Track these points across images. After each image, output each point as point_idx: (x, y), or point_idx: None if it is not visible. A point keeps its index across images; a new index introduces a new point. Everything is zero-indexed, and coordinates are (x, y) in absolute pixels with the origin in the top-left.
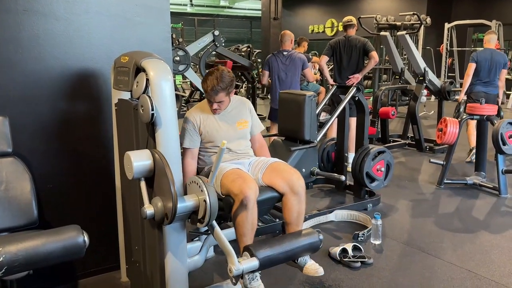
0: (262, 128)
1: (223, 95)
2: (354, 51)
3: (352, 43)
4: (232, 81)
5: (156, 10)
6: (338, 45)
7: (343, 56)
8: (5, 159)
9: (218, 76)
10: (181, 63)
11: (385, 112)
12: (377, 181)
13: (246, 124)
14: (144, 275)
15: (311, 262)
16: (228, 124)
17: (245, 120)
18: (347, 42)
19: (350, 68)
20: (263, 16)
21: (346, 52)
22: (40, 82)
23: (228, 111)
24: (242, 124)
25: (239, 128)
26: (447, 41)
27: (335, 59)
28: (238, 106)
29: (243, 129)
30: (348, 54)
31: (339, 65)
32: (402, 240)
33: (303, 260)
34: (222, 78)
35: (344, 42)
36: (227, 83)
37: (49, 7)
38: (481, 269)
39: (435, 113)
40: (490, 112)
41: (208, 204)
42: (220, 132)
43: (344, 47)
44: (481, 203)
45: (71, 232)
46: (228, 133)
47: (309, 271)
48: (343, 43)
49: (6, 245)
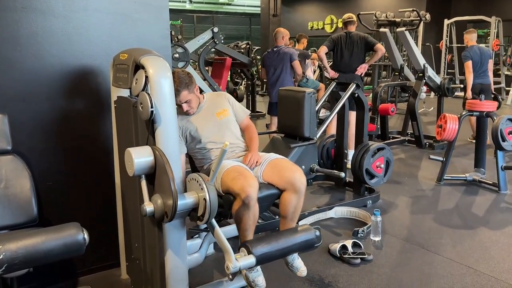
0: (247, 113)
1: (186, 93)
2: (356, 46)
3: (353, 39)
4: (190, 78)
5: (155, 7)
6: (339, 40)
7: (344, 51)
8: (4, 157)
9: (175, 78)
10: (180, 60)
11: (385, 108)
12: (376, 177)
13: (226, 112)
14: (144, 272)
15: (299, 260)
16: (207, 118)
17: (224, 108)
18: (348, 38)
19: (351, 63)
20: (262, 13)
21: (348, 48)
22: (39, 80)
23: (203, 108)
24: (221, 113)
25: (219, 118)
26: (446, 38)
27: (336, 54)
28: (214, 100)
29: (224, 118)
30: (349, 50)
31: (339, 60)
32: (402, 237)
33: (291, 256)
34: (179, 78)
35: (345, 38)
36: (184, 81)
37: (47, 4)
38: (481, 265)
39: (435, 109)
40: (490, 108)
41: (208, 202)
42: (202, 129)
43: (346, 43)
44: (480, 199)
45: (71, 230)
46: (209, 126)
47: (293, 270)
48: (344, 38)
49: (6, 243)
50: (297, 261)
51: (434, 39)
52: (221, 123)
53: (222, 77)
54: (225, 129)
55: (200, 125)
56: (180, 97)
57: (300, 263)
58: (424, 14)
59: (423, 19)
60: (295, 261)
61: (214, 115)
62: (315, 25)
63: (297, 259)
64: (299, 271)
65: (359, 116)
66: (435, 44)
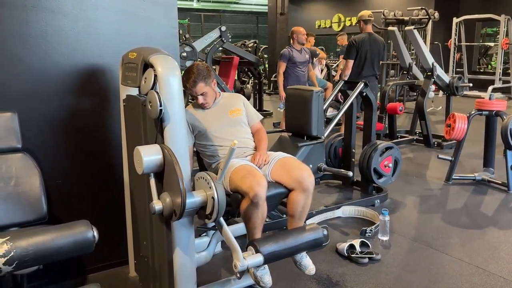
0: (260, 117)
1: (202, 85)
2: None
3: (379, 40)
4: (209, 71)
5: (163, 6)
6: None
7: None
8: (14, 154)
9: (193, 69)
10: (188, 59)
11: (393, 107)
12: (384, 177)
13: (240, 111)
14: (152, 270)
15: (307, 259)
16: (220, 114)
17: (238, 108)
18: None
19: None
20: (270, 12)
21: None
22: (48, 78)
23: (218, 103)
24: (234, 112)
25: (231, 116)
26: (455, 36)
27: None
28: (229, 98)
29: (237, 116)
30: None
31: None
32: (410, 236)
33: (299, 255)
34: (197, 69)
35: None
36: (202, 73)
37: (57, 3)
38: (490, 265)
39: (443, 108)
40: (499, 107)
41: (216, 200)
42: (213, 123)
43: (370, 44)
44: (489, 199)
45: (80, 227)
46: (220, 122)
47: (302, 268)
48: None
49: (17, 240)
50: (305, 260)
51: (443, 38)
52: (233, 121)
53: (230, 75)
54: (236, 127)
55: (212, 119)
56: (196, 88)
57: (308, 261)
58: (432, 13)
59: (431, 18)
60: (304, 260)
61: (227, 112)
62: (323, 24)
63: (305, 257)
64: (308, 270)
65: (367, 115)
66: (444, 43)
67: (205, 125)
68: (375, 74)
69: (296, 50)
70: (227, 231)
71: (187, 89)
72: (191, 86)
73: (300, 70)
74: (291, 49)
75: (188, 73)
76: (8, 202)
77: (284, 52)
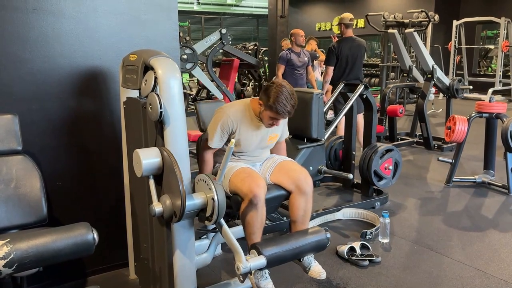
0: (287, 135)
1: (288, 116)
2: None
3: (360, 43)
4: None
5: (164, 9)
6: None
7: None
8: (15, 157)
9: (291, 95)
10: (189, 61)
11: (393, 110)
12: (385, 179)
13: (276, 138)
14: (152, 272)
15: (315, 264)
16: (261, 137)
17: (277, 134)
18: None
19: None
20: (270, 14)
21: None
22: (49, 81)
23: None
24: (272, 138)
25: (269, 142)
26: (455, 39)
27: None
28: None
29: (272, 143)
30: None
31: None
32: (411, 239)
33: (307, 260)
34: (294, 96)
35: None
36: (296, 102)
37: (58, 6)
38: (490, 267)
39: (443, 111)
40: (500, 109)
41: (216, 202)
42: (250, 144)
43: (350, 48)
44: (490, 201)
45: (81, 230)
46: (257, 146)
47: (312, 273)
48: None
49: (17, 242)
50: (314, 265)
51: (443, 40)
52: (267, 147)
53: (230, 78)
54: (265, 150)
55: (252, 139)
56: (284, 118)
57: (317, 266)
58: (432, 15)
59: (431, 20)
60: (312, 265)
61: (267, 137)
62: (323, 26)
63: (313, 262)
64: (317, 274)
65: (367, 118)
66: (444, 45)
67: (244, 141)
68: (358, 78)
69: (294, 53)
70: (229, 232)
71: (276, 112)
72: (285, 115)
73: (299, 72)
74: (290, 52)
75: (290, 101)
76: (8, 204)
77: (283, 54)
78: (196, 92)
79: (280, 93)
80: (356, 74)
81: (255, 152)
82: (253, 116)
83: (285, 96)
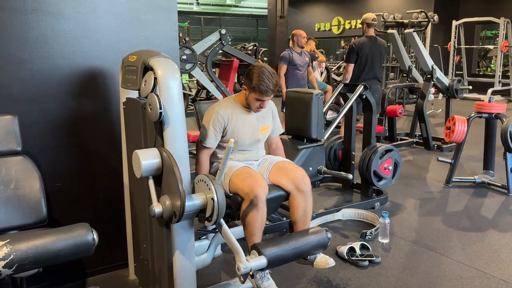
0: (281, 131)
1: (273, 94)
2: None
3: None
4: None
5: (164, 9)
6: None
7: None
8: (14, 157)
9: (273, 74)
10: (188, 61)
11: (393, 110)
12: (384, 179)
13: (268, 129)
14: (152, 273)
15: (321, 255)
16: (253, 127)
17: (268, 125)
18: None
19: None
20: (269, 15)
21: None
22: (48, 81)
23: (254, 114)
24: (265, 129)
25: (261, 134)
26: (454, 39)
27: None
28: (264, 112)
29: (264, 135)
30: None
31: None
32: (410, 239)
33: (313, 256)
34: (275, 75)
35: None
36: (277, 81)
37: (57, 6)
38: (490, 268)
39: (443, 111)
40: (499, 110)
41: (216, 202)
42: (244, 135)
43: (370, 48)
44: (489, 201)
45: (80, 230)
46: (251, 137)
47: (319, 264)
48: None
49: (17, 243)
50: (319, 257)
51: (442, 41)
52: (260, 138)
53: (229, 78)
54: (259, 145)
55: (244, 129)
56: (270, 96)
57: (322, 257)
58: (432, 15)
59: (431, 20)
60: (317, 257)
61: (259, 128)
62: (322, 27)
63: (318, 255)
64: (324, 263)
65: (367, 118)
66: (443, 46)
67: (237, 132)
68: (377, 77)
69: (296, 53)
70: (228, 232)
71: (259, 92)
72: (269, 92)
73: (301, 72)
74: (291, 52)
75: (268, 77)
76: (8, 205)
77: (285, 54)
78: (195, 93)
79: (261, 73)
80: (375, 73)
81: (251, 147)
82: (241, 107)
83: (266, 75)
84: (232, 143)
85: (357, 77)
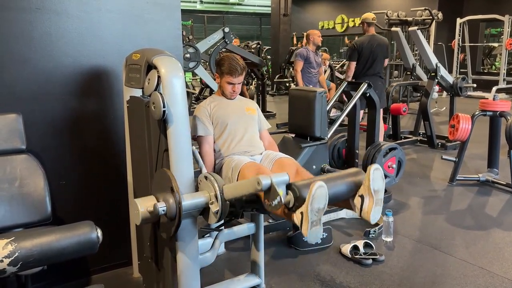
0: (268, 126)
1: (242, 77)
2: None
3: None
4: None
5: (167, 8)
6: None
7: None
8: (19, 156)
9: (238, 58)
10: (191, 60)
11: (397, 108)
12: (388, 178)
13: (254, 111)
14: (156, 271)
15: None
16: (237, 108)
17: (252, 108)
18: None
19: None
20: (273, 13)
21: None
22: (52, 80)
23: (236, 99)
24: (250, 109)
25: (248, 113)
26: (459, 37)
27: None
28: (245, 100)
29: (251, 115)
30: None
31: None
32: (414, 237)
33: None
34: (242, 60)
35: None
36: (244, 66)
37: (61, 5)
38: (494, 266)
39: (447, 109)
40: (504, 108)
41: (219, 200)
42: (230, 113)
43: (371, 46)
44: (494, 200)
45: (84, 228)
46: (237, 114)
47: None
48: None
49: (21, 241)
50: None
51: (446, 38)
52: (248, 117)
53: None
54: (249, 123)
55: (231, 112)
56: (239, 77)
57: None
58: (436, 13)
59: (435, 18)
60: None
61: (243, 109)
62: (326, 25)
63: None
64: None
65: (370, 116)
66: (447, 43)
67: (225, 116)
68: (379, 74)
69: (311, 52)
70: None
71: (228, 74)
72: (237, 73)
73: (314, 71)
74: (308, 50)
75: (235, 60)
76: (12, 203)
77: (302, 51)
78: (199, 91)
79: (228, 58)
80: (376, 70)
81: (242, 127)
82: (221, 98)
83: (232, 59)
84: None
85: (359, 75)
